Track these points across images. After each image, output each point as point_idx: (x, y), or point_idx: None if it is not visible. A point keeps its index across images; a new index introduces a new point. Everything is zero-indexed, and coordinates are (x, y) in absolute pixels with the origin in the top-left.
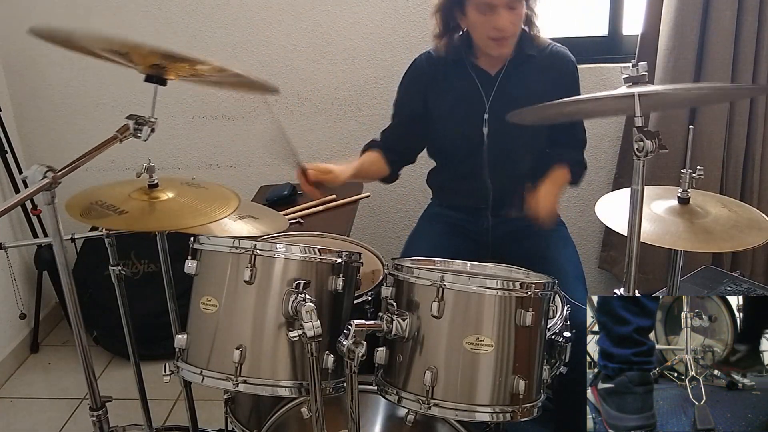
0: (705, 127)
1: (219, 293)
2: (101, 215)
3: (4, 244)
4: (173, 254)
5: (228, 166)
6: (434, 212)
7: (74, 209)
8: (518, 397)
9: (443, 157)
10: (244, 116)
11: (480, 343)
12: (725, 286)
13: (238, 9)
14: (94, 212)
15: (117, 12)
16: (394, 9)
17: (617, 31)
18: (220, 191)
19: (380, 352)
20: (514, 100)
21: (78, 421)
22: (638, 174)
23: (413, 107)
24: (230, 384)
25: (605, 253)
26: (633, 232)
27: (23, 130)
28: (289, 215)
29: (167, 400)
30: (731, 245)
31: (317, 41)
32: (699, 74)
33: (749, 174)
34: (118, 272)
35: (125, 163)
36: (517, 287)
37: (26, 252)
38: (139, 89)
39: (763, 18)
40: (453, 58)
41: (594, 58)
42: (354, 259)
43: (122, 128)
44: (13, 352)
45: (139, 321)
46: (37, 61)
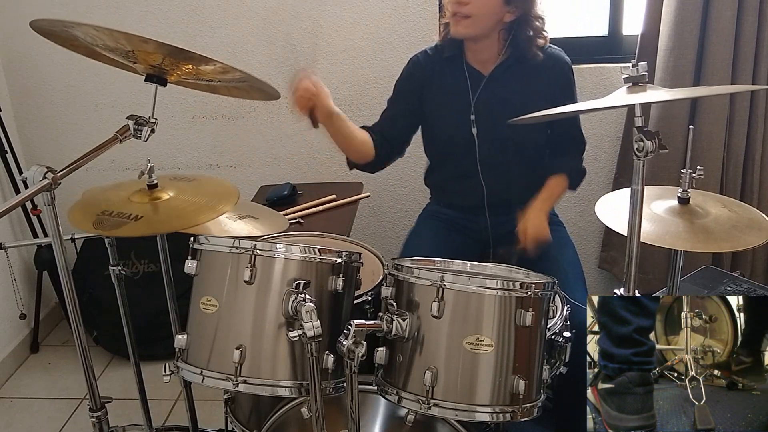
0: (705, 127)
1: (219, 293)
2: (117, 224)
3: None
4: (173, 254)
5: (228, 166)
6: (433, 211)
7: (83, 223)
8: (518, 397)
9: (438, 157)
10: (244, 116)
11: (480, 343)
12: (725, 286)
13: (238, 9)
14: (108, 223)
15: (117, 12)
16: (394, 9)
17: (617, 31)
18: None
19: (380, 352)
20: (500, 102)
21: (78, 421)
22: (638, 174)
23: (409, 103)
24: (230, 384)
25: (605, 253)
26: (633, 232)
27: (23, 130)
28: (289, 215)
29: (167, 400)
30: (731, 245)
31: (317, 41)
32: (699, 74)
33: (749, 174)
34: (118, 272)
35: (125, 163)
36: (517, 287)
37: (26, 252)
38: (139, 89)
39: (763, 18)
40: (449, 55)
41: (594, 58)
42: (354, 259)
43: (122, 129)
44: (13, 352)
45: (139, 321)
46: (37, 61)
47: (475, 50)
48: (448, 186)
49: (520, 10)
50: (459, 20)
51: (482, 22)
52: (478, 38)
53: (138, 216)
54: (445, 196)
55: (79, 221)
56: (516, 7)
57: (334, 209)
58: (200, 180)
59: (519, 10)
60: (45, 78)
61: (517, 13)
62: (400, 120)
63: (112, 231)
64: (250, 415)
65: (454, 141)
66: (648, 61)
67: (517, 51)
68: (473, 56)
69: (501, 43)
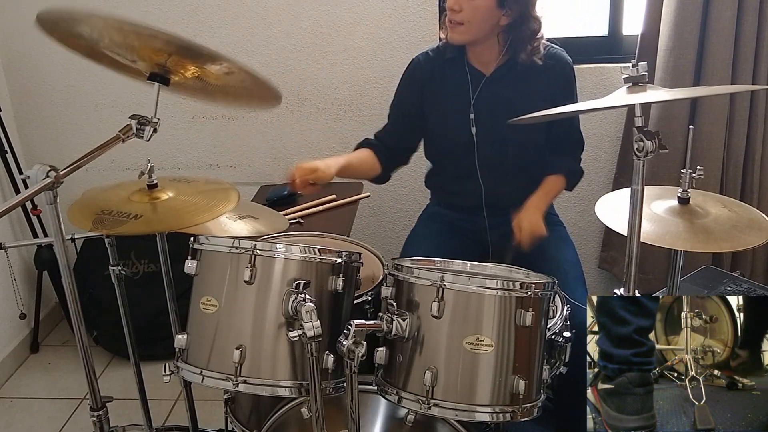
0: (705, 127)
1: (219, 293)
2: (118, 223)
3: (4, 244)
4: (173, 254)
5: (228, 166)
6: (433, 212)
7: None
8: (518, 397)
9: (438, 158)
10: (244, 116)
11: (480, 343)
12: (725, 286)
13: (238, 9)
14: (108, 222)
15: (117, 12)
16: (394, 9)
17: (617, 31)
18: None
19: (380, 352)
20: (499, 101)
21: (78, 421)
22: (638, 174)
23: (410, 104)
24: (230, 384)
25: (605, 253)
26: (633, 232)
27: (23, 130)
28: (289, 215)
29: (167, 400)
30: (731, 245)
31: (317, 41)
32: (699, 74)
33: (749, 174)
34: (118, 272)
35: (125, 163)
36: (517, 287)
37: (26, 252)
38: (139, 89)
39: (763, 18)
40: (450, 56)
41: (594, 58)
42: (354, 259)
43: (125, 128)
44: (13, 352)
45: (139, 321)
46: (37, 61)
47: (475, 52)
48: (448, 186)
49: (516, 13)
50: (454, 27)
51: (477, 27)
52: (476, 43)
53: (137, 215)
54: (444, 196)
55: (79, 221)
56: (511, 10)
57: (334, 209)
58: (200, 180)
59: (515, 12)
60: (45, 78)
61: (513, 15)
62: (401, 124)
63: (112, 230)
64: (250, 415)
65: (453, 141)
66: (648, 61)
67: (519, 51)
68: (475, 57)
69: (501, 45)
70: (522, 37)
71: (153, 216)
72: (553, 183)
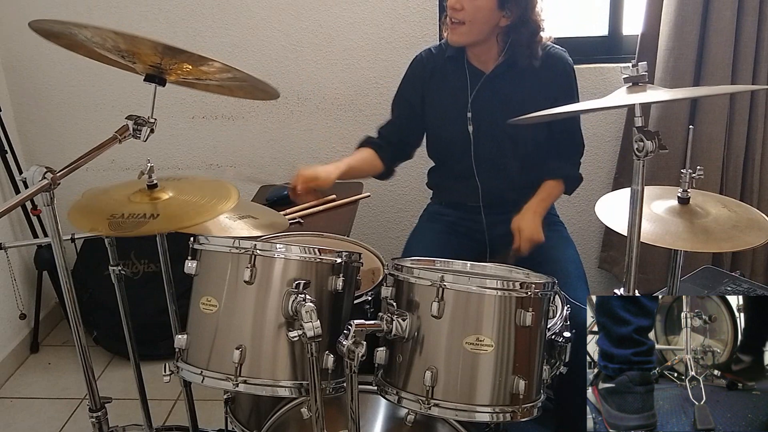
0: (705, 127)
1: (219, 293)
2: (137, 225)
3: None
4: (173, 254)
5: (228, 166)
6: (433, 211)
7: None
8: (518, 397)
9: (438, 156)
10: (244, 116)
11: (480, 343)
12: (725, 286)
13: (238, 9)
14: (125, 225)
15: (117, 12)
16: (394, 9)
17: (617, 31)
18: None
19: (380, 352)
20: (497, 100)
21: (78, 421)
22: (638, 174)
23: (411, 101)
24: (230, 384)
25: (605, 253)
26: (633, 232)
27: (23, 130)
28: (289, 215)
29: (167, 400)
30: (731, 245)
31: (317, 41)
32: (699, 74)
33: (749, 174)
34: (118, 272)
35: (125, 163)
36: (517, 287)
37: (26, 252)
38: (139, 89)
39: (763, 18)
40: (451, 54)
41: (594, 58)
42: (354, 259)
43: (121, 129)
44: (13, 352)
45: (139, 321)
46: (37, 61)
47: (475, 53)
48: (447, 185)
49: (515, 14)
50: (455, 27)
51: (477, 28)
52: (475, 44)
53: (154, 215)
54: (444, 195)
55: (80, 221)
56: (511, 12)
57: (334, 209)
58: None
59: (514, 14)
60: (45, 78)
61: (513, 17)
62: (402, 120)
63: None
64: (250, 415)
65: (450, 139)
66: (648, 61)
67: (517, 53)
68: (474, 57)
69: (500, 46)
70: (521, 40)
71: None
72: (552, 187)
